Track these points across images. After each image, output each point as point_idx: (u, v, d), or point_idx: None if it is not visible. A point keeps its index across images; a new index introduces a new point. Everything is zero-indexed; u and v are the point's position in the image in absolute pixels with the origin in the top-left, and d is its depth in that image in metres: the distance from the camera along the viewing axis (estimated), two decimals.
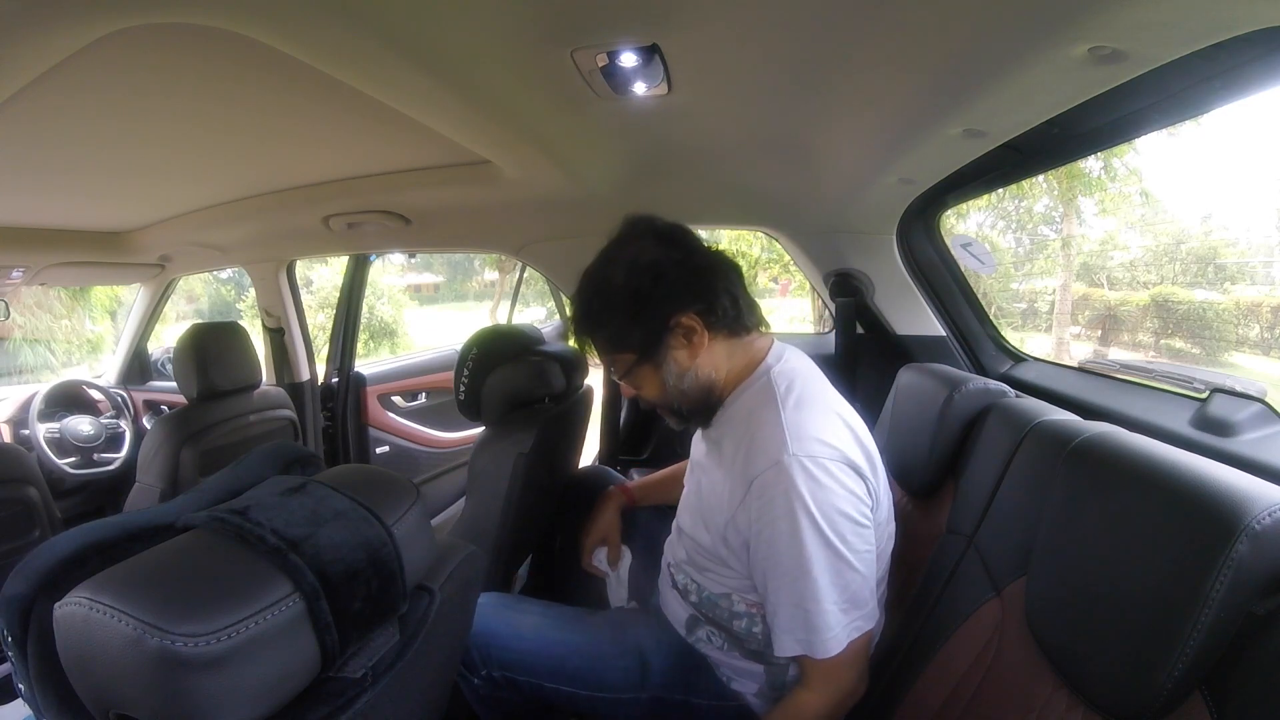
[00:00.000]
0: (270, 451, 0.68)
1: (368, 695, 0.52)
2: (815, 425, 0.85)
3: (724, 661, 0.96)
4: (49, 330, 7.33)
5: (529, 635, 1.04)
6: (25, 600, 0.46)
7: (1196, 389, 1.03)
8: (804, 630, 0.81)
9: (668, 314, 0.88)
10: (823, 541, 0.80)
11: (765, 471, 0.82)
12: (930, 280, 1.54)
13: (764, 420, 0.86)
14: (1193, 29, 0.63)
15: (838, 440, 0.84)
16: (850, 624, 0.82)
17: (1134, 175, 5.23)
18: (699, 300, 0.89)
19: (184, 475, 1.63)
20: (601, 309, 0.91)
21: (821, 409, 0.88)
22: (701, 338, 0.90)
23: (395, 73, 0.86)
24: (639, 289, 0.88)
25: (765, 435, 0.84)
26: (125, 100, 1.01)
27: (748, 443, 0.87)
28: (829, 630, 0.81)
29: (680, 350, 0.90)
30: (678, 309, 0.88)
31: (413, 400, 2.63)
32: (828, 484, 0.81)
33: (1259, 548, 0.53)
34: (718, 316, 0.90)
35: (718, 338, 0.91)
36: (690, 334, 0.89)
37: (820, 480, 0.80)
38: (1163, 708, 0.56)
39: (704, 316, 0.89)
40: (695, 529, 0.96)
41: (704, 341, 0.90)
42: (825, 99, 0.97)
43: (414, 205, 1.61)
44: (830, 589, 0.80)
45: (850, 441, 0.86)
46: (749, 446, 0.86)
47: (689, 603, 0.99)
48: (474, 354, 1.42)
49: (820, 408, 0.88)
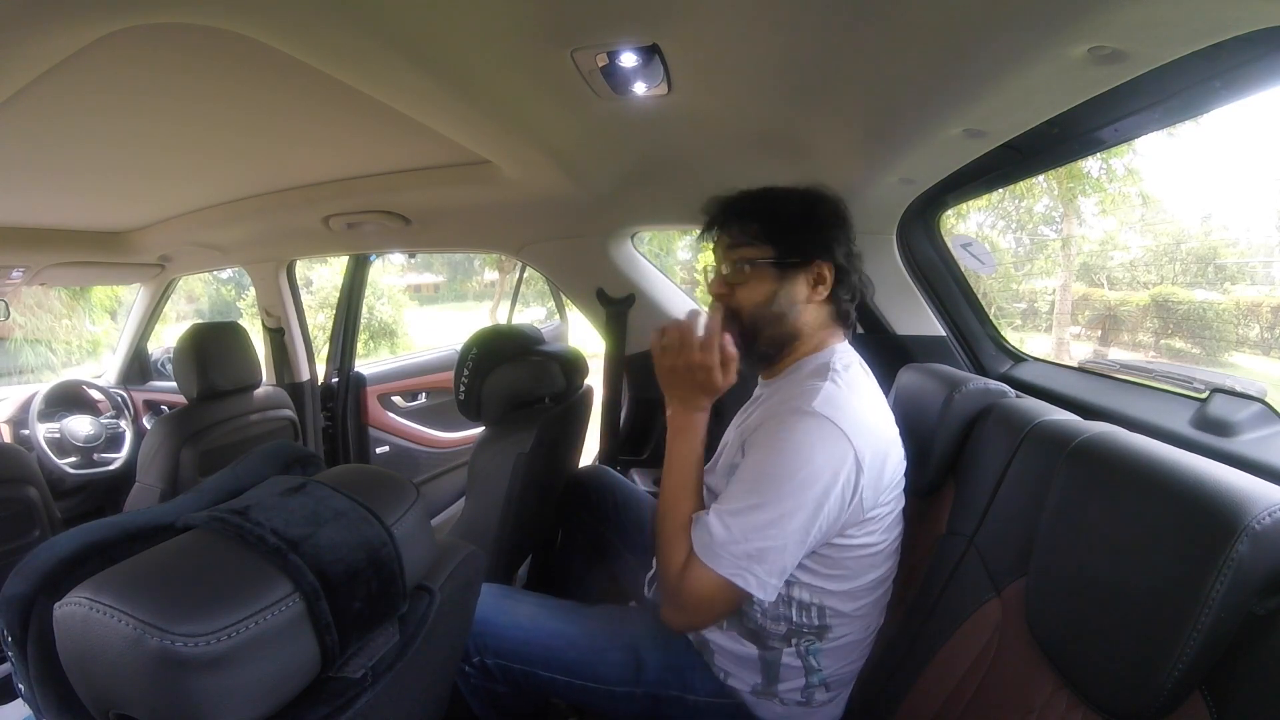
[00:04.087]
0: (270, 451, 0.68)
1: (368, 695, 0.52)
2: (851, 407, 0.87)
3: (723, 646, 0.96)
4: (49, 330, 7.33)
5: (526, 624, 1.04)
6: (25, 600, 0.46)
7: (1196, 389, 1.03)
8: (707, 531, 0.84)
9: (818, 250, 0.95)
10: (789, 490, 0.82)
11: (791, 412, 0.85)
12: (930, 280, 1.53)
13: (809, 385, 0.89)
14: (1193, 29, 0.63)
15: (860, 433, 0.85)
16: (735, 564, 0.82)
17: (1133, 175, 5.23)
18: (841, 256, 0.96)
19: (184, 475, 1.63)
20: (774, 202, 0.97)
21: (866, 403, 0.90)
22: (819, 293, 0.96)
23: (395, 73, 0.86)
24: (816, 214, 0.96)
25: (803, 391, 0.88)
26: (125, 100, 1.01)
27: (783, 397, 0.90)
28: (721, 548, 0.83)
29: (803, 287, 0.95)
30: (826, 255, 0.95)
31: (413, 400, 2.63)
32: (832, 452, 0.83)
33: (1259, 548, 0.53)
34: (841, 289, 0.97)
35: (825, 305, 0.97)
36: (818, 282, 0.96)
37: (825, 445, 0.83)
38: (1163, 708, 0.56)
39: (835, 277, 0.96)
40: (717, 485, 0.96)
41: (819, 296, 0.96)
42: (825, 99, 0.97)
43: (414, 205, 1.61)
44: (753, 523, 0.82)
45: (870, 445, 0.87)
46: (783, 397, 0.90)
47: None
48: (474, 354, 1.42)
49: (865, 402, 0.90)
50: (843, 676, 0.97)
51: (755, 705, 0.96)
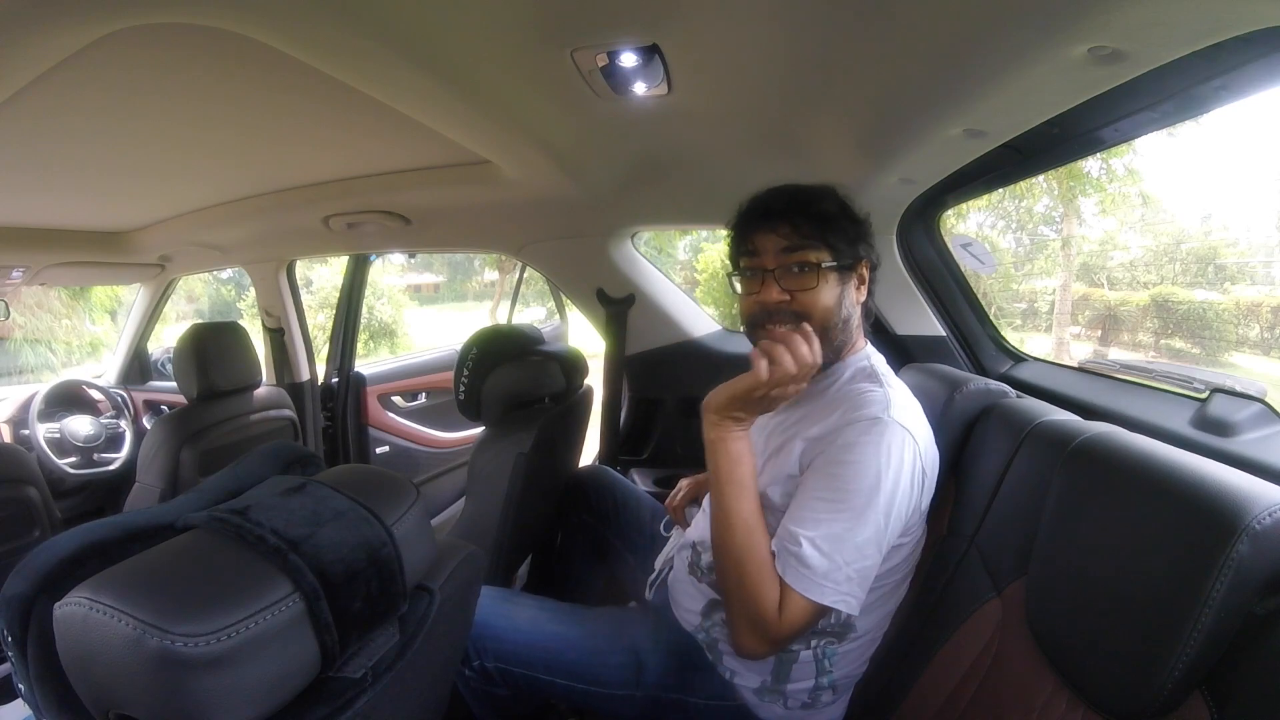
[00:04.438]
0: (270, 451, 0.68)
1: (368, 695, 0.52)
2: (914, 411, 0.89)
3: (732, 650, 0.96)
4: (49, 330, 7.34)
5: (526, 627, 1.04)
6: (25, 600, 0.46)
7: (1196, 389, 1.03)
8: (804, 564, 0.79)
9: (864, 249, 0.97)
10: (879, 504, 0.81)
11: (863, 421, 0.84)
12: (930, 280, 1.54)
13: (866, 389, 0.90)
14: (1193, 29, 0.63)
15: (924, 437, 0.88)
16: (838, 590, 0.80)
17: (1133, 175, 5.23)
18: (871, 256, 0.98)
19: (184, 475, 1.63)
20: (819, 200, 0.95)
21: (916, 406, 0.92)
22: (863, 293, 0.98)
23: (395, 73, 0.86)
24: (850, 212, 0.97)
25: (867, 398, 0.87)
26: (125, 100, 1.01)
27: (845, 404, 0.89)
28: (824, 579, 0.79)
29: (854, 288, 0.97)
30: (868, 253, 0.98)
31: (413, 400, 2.63)
32: (910, 461, 0.83)
33: (1259, 548, 0.53)
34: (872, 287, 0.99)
35: (861, 305, 0.98)
36: (861, 282, 0.97)
37: (905, 454, 0.83)
38: (1163, 708, 0.56)
39: (871, 269, 0.98)
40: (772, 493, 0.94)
41: (863, 296, 0.98)
42: (825, 99, 0.97)
43: (414, 205, 1.61)
44: (852, 545, 0.80)
45: (930, 448, 0.89)
46: (846, 405, 0.89)
47: (708, 583, 0.99)
48: (474, 354, 1.42)
49: (916, 405, 0.92)
50: (850, 680, 0.97)
51: (758, 707, 0.95)
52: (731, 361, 1.72)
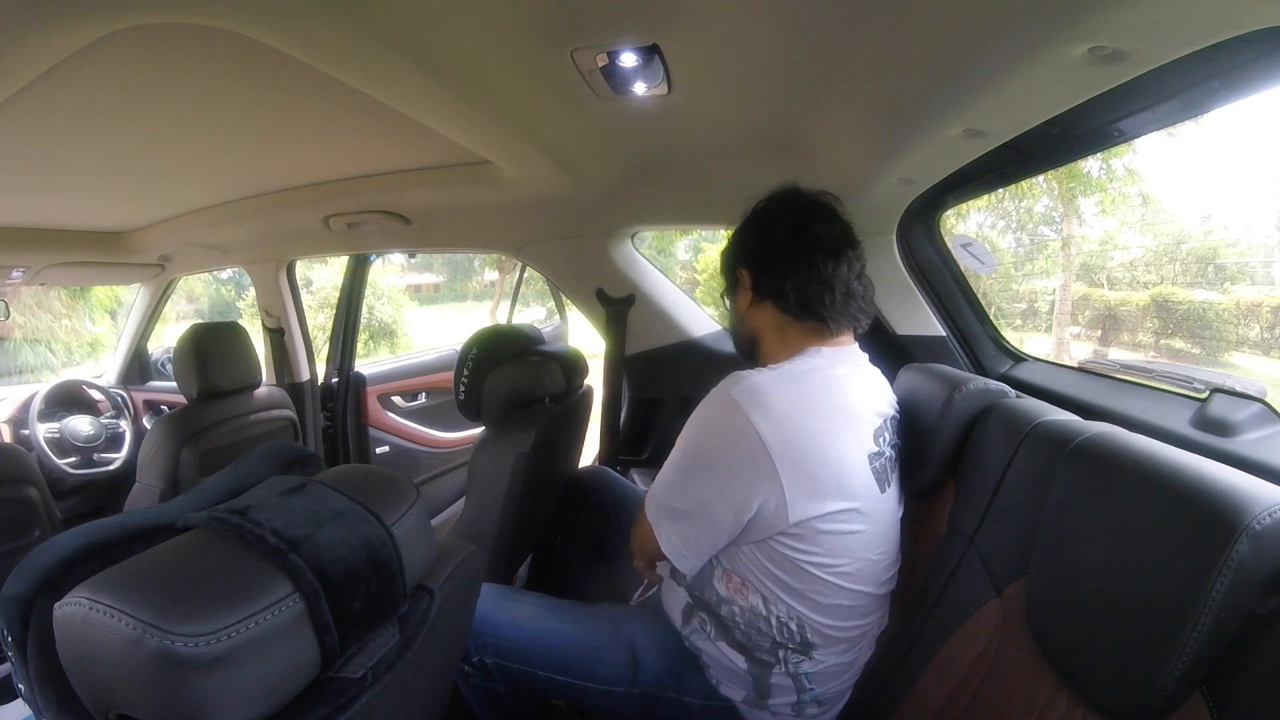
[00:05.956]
0: (270, 451, 0.68)
1: (368, 695, 0.52)
2: (770, 389, 0.85)
3: (714, 657, 0.96)
4: (49, 330, 7.33)
5: (525, 624, 1.04)
6: (25, 600, 0.46)
7: (1196, 389, 1.03)
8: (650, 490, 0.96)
9: (739, 261, 1.02)
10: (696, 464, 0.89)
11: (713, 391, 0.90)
12: (930, 280, 1.53)
13: (745, 373, 0.90)
14: (1193, 29, 0.63)
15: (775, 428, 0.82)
16: (657, 517, 0.92)
17: (1133, 175, 5.23)
18: (758, 265, 0.99)
19: (184, 475, 1.63)
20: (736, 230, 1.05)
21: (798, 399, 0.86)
22: (748, 296, 1.00)
23: (395, 73, 0.86)
24: (745, 229, 1.03)
25: (735, 376, 0.90)
26: (125, 100, 1.01)
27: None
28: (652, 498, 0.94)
29: (739, 295, 1.02)
30: (743, 262, 1.01)
31: (413, 400, 2.63)
32: (729, 416, 0.85)
33: (1259, 548, 0.53)
34: (766, 285, 0.99)
35: (766, 303, 0.98)
36: (741, 285, 1.01)
37: (724, 411, 0.86)
38: (1163, 708, 0.56)
39: (754, 278, 0.99)
40: None
41: (749, 299, 1.00)
42: (825, 99, 0.97)
43: (414, 205, 1.61)
44: (664, 483, 0.92)
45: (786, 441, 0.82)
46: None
47: (684, 586, 0.99)
48: (474, 354, 1.42)
49: (797, 397, 0.86)
50: (835, 694, 0.97)
51: (748, 713, 0.96)
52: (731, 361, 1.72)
